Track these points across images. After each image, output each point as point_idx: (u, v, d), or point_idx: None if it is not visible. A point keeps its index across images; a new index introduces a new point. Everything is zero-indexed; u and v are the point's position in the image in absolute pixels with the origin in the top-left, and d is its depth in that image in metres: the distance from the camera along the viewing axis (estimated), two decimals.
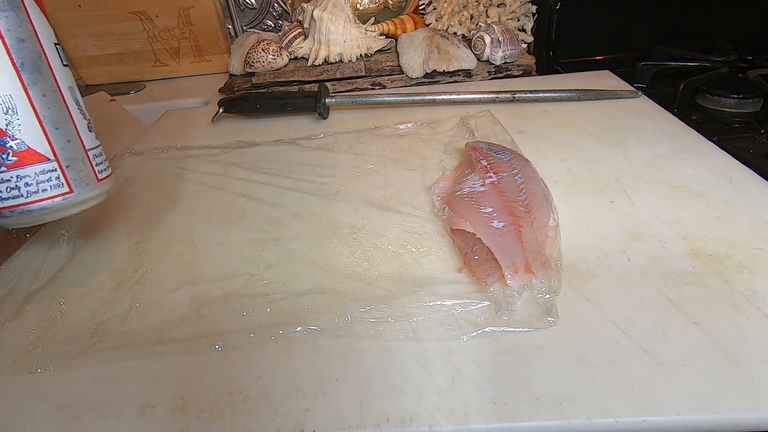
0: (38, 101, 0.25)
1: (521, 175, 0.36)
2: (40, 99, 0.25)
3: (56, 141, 0.26)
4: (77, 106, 0.28)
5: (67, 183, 0.27)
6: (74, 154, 0.27)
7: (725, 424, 0.22)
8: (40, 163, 0.25)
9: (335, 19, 0.65)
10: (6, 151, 0.25)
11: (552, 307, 0.28)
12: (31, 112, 0.25)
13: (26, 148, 0.25)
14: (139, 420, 0.24)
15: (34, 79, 0.25)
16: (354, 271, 0.33)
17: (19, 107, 0.25)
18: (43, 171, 0.26)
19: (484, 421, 0.23)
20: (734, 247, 0.32)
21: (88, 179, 0.28)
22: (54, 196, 0.26)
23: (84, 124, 0.28)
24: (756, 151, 0.44)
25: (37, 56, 0.26)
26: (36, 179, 0.25)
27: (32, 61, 0.25)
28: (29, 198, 0.25)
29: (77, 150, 0.27)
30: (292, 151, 0.50)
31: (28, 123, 0.25)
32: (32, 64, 0.25)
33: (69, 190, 0.27)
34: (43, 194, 0.26)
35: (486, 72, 0.66)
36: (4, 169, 0.25)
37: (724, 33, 0.69)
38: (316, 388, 0.25)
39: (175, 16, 0.78)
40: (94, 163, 0.29)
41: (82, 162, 0.28)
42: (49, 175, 0.26)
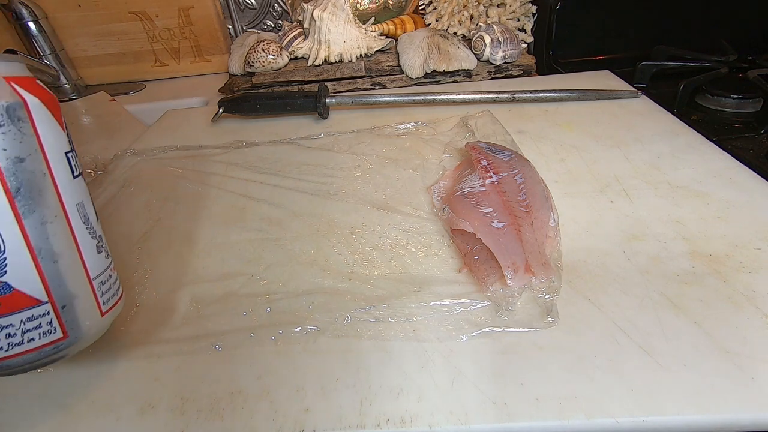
0: (34, 233, 0.20)
1: (521, 175, 0.36)
2: (36, 229, 0.20)
3: (52, 278, 0.21)
4: (85, 225, 0.23)
5: (62, 327, 0.22)
6: (74, 290, 0.22)
7: (725, 424, 0.22)
8: (28, 309, 0.20)
9: (335, 19, 0.65)
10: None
11: (552, 307, 0.28)
12: (24, 248, 0.20)
13: (12, 291, 0.20)
14: (139, 420, 0.24)
15: (31, 206, 0.20)
16: (354, 271, 0.33)
17: (8, 243, 0.19)
18: (31, 317, 0.20)
19: (484, 421, 0.23)
20: (734, 247, 0.32)
21: (88, 316, 0.23)
22: (42, 346, 0.21)
23: (92, 247, 0.23)
24: (756, 151, 0.44)
25: (39, 176, 0.21)
26: (22, 328, 0.20)
27: (31, 184, 0.20)
28: (11, 351, 0.20)
29: (79, 284, 0.22)
30: (292, 151, 0.50)
31: (19, 261, 0.20)
32: (31, 188, 0.20)
33: (63, 336, 0.22)
34: (29, 345, 0.21)
35: (486, 72, 0.66)
36: None
37: (724, 33, 0.69)
38: (316, 388, 0.25)
39: (175, 16, 0.78)
40: (98, 294, 0.24)
41: (84, 297, 0.23)
42: (39, 321, 0.21)
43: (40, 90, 0.22)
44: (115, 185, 0.47)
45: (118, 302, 0.26)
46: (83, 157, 0.52)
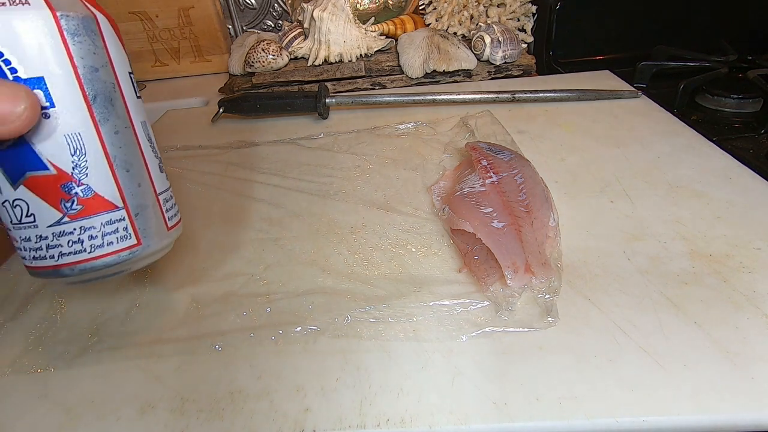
0: (109, 140, 0.22)
1: (521, 175, 0.36)
2: (111, 137, 0.22)
3: (126, 186, 0.23)
4: (149, 143, 0.25)
5: (135, 234, 0.23)
6: (144, 200, 0.24)
7: (725, 424, 0.22)
8: (107, 212, 0.22)
9: (335, 19, 0.65)
10: (71, 199, 0.21)
11: (552, 307, 0.28)
12: (101, 153, 0.22)
13: (93, 194, 0.21)
14: (139, 420, 0.24)
15: (106, 114, 0.22)
16: (354, 271, 0.33)
17: (88, 147, 0.21)
18: (110, 221, 0.22)
19: (484, 421, 0.23)
20: (734, 247, 0.32)
21: (157, 228, 0.25)
22: (120, 250, 0.23)
23: (156, 164, 0.25)
24: (756, 151, 0.44)
25: (110, 87, 0.22)
26: (102, 231, 0.22)
27: (105, 94, 0.22)
28: (93, 253, 0.22)
29: (148, 195, 0.24)
30: (292, 151, 0.50)
31: (98, 165, 0.21)
32: (105, 97, 0.22)
33: (137, 242, 0.23)
34: (109, 248, 0.22)
35: (486, 72, 0.66)
36: (66, 220, 0.21)
37: (724, 33, 0.69)
38: (316, 388, 0.25)
39: (175, 16, 0.78)
40: (164, 209, 0.25)
41: (153, 208, 0.24)
42: (116, 225, 0.22)
43: (104, 11, 0.23)
44: None
45: (179, 224, 0.27)
46: None
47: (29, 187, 0.21)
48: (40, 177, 0.21)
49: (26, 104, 0.19)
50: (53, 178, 0.21)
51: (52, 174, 0.21)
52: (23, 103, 0.18)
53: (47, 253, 0.22)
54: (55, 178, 0.21)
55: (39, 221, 0.21)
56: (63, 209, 0.21)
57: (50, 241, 0.21)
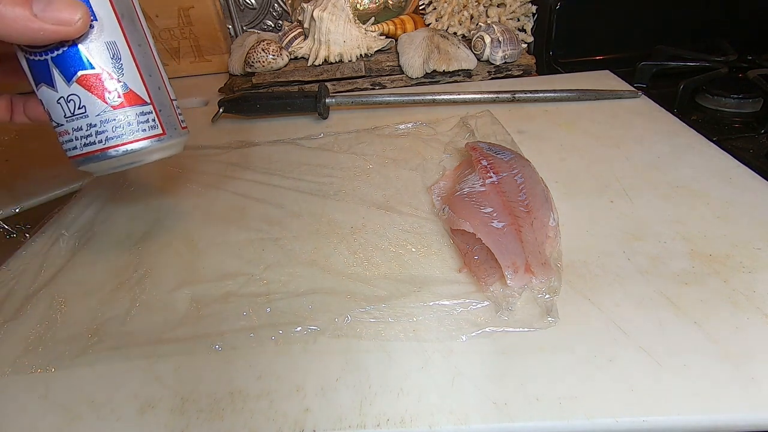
0: (135, 49, 0.28)
1: (521, 175, 0.36)
2: (136, 48, 0.28)
3: (151, 86, 0.29)
4: (159, 59, 0.31)
5: (161, 125, 0.29)
6: (164, 100, 0.30)
7: (725, 424, 0.22)
8: (139, 105, 0.28)
9: (335, 19, 0.65)
10: (112, 92, 0.27)
11: (552, 307, 0.28)
12: (131, 59, 0.28)
13: (128, 90, 0.28)
14: (139, 420, 0.24)
15: (131, 29, 0.28)
16: (354, 271, 0.33)
17: (122, 53, 0.27)
18: (142, 113, 0.28)
19: (484, 422, 0.23)
20: (734, 247, 0.32)
21: (175, 125, 0.31)
22: (151, 136, 0.29)
23: (166, 77, 0.31)
24: (756, 151, 0.44)
25: (131, 9, 0.28)
26: (137, 119, 0.28)
27: (129, 13, 0.28)
28: (132, 136, 0.28)
29: (165, 97, 0.30)
30: (292, 151, 0.50)
31: (130, 68, 0.28)
32: (129, 16, 0.28)
33: (162, 132, 0.29)
34: (143, 134, 0.28)
35: (486, 72, 0.66)
36: (110, 110, 0.27)
37: (724, 33, 0.69)
38: (316, 388, 0.25)
39: (175, 16, 0.78)
40: (177, 112, 0.31)
41: (170, 108, 0.31)
42: (146, 116, 0.29)
43: None
44: (116, 185, 0.47)
45: (187, 129, 0.33)
46: None
47: (81, 83, 0.27)
48: (89, 75, 0.27)
49: (81, 14, 0.24)
50: (98, 75, 0.27)
51: (98, 72, 0.27)
52: (80, 13, 0.24)
53: (96, 138, 0.28)
54: (100, 76, 0.27)
55: (89, 111, 0.27)
56: (107, 101, 0.27)
57: (98, 128, 0.27)
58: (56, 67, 0.26)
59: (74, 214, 0.43)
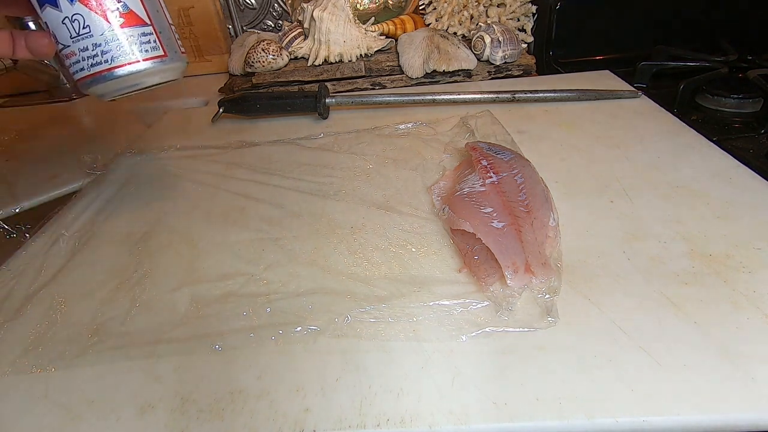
0: None
1: (521, 175, 0.36)
2: None
3: (150, 8, 0.30)
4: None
5: (162, 47, 0.31)
6: (163, 23, 0.31)
7: (725, 424, 0.22)
8: (141, 26, 0.29)
9: (335, 19, 0.65)
10: (114, 11, 0.28)
11: (552, 307, 0.28)
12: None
13: (129, 10, 0.29)
14: (139, 420, 0.24)
15: None
16: (354, 271, 0.33)
17: None
18: (143, 33, 0.29)
19: (484, 421, 0.23)
20: (734, 247, 0.32)
21: (175, 47, 0.32)
22: (154, 57, 0.30)
23: (164, 3, 0.32)
24: (756, 151, 0.44)
25: None
26: (140, 40, 0.29)
27: None
28: (135, 56, 0.29)
29: (164, 20, 0.31)
30: (292, 151, 0.50)
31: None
32: None
33: (164, 53, 0.31)
34: (146, 54, 0.30)
35: (486, 72, 0.66)
36: (113, 29, 0.28)
37: (724, 33, 0.69)
38: (316, 388, 0.25)
39: (175, 16, 0.78)
40: (175, 36, 0.32)
41: (169, 31, 0.32)
42: (148, 38, 0.30)
43: None
44: (116, 185, 0.47)
45: (185, 54, 0.34)
46: (83, 157, 0.52)
47: (83, 2, 0.28)
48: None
49: None
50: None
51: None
52: None
53: (102, 58, 0.29)
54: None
55: (93, 31, 0.28)
56: (109, 20, 0.28)
57: (104, 47, 0.29)
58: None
59: (74, 214, 0.43)
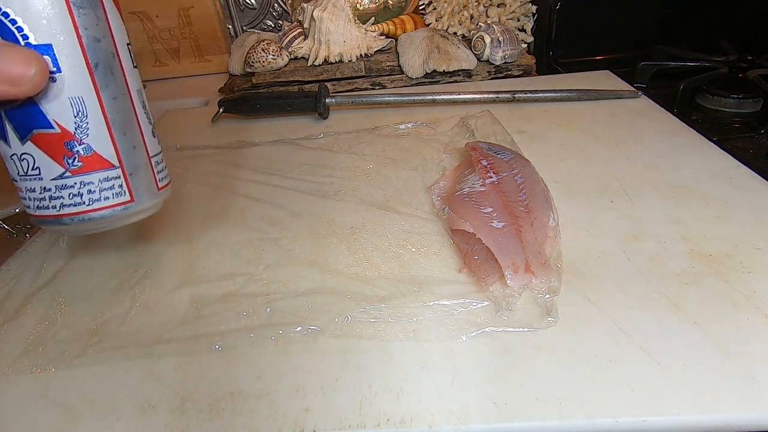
0: (108, 105, 0.24)
1: (521, 175, 0.36)
2: (110, 102, 0.24)
3: (122, 147, 0.25)
4: (144, 110, 0.27)
5: (129, 191, 0.26)
6: (138, 161, 0.26)
7: (725, 424, 0.22)
8: (104, 170, 0.24)
9: (335, 19, 0.65)
10: (72, 156, 0.23)
11: (552, 307, 0.28)
12: (101, 116, 0.24)
13: (92, 153, 0.24)
14: (139, 420, 0.24)
15: (106, 81, 0.24)
16: (354, 271, 0.33)
17: (89, 110, 0.23)
18: (106, 178, 0.25)
19: (484, 421, 0.23)
20: (734, 247, 0.32)
21: (149, 187, 0.27)
22: (115, 205, 0.25)
23: (149, 129, 0.27)
24: (756, 151, 0.44)
25: (110, 57, 0.24)
26: (99, 186, 0.24)
27: (106, 62, 0.24)
28: (91, 206, 0.24)
29: (141, 157, 0.26)
30: (292, 151, 0.50)
31: (97, 127, 0.24)
32: (105, 65, 0.24)
33: (130, 199, 0.26)
34: (105, 202, 0.25)
35: (486, 72, 0.66)
36: (68, 175, 0.24)
37: (724, 33, 0.69)
38: (316, 388, 0.25)
39: (175, 16, 0.78)
40: (156, 171, 0.28)
41: (145, 169, 0.27)
42: (112, 182, 0.25)
43: None
44: None
45: (168, 185, 0.29)
46: None
47: (36, 143, 0.23)
48: (45, 134, 0.23)
49: (37, 68, 0.21)
50: (57, 136, 0.23)
51: (57, 132, 0.23)
52: (34, 67, 0.21)
53: (50, 203, 0.24)
54: (59, 137, 0.23)
55: (44, 174, 0.23)
56: (65, 165, 0.23)
57: (53, 193, 0.24)
58: (9, 122, 0.23)
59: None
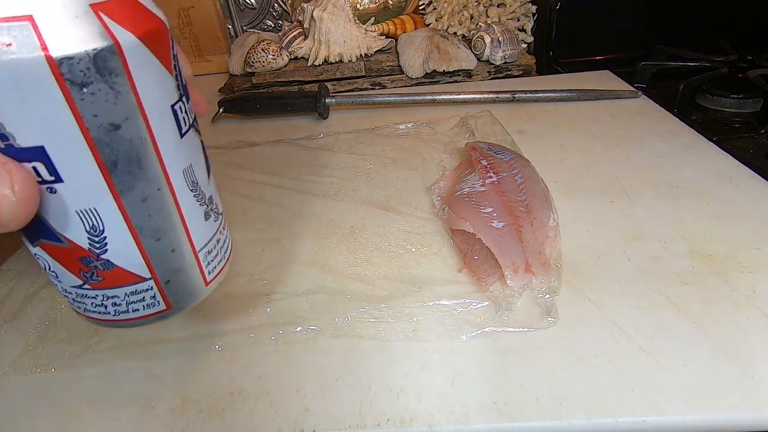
0: (134, 210, 0.18)
1: (521, 175, 0.36)
2: (137, 207, 0.18)
3: (155, 255, 0.19)
4: (193, 192, 0.20)
5: (165, 300, 0.21)
6: (178, 264, 0.21)
7: (725, 424, 0.22)
8: (131, 285, 0.20)
9: (335, 19, 0.65)
10: (90, 271, 0.19)
11: (552, 307, 0.28)
12: (124, 227, 0.18)
13: (114, 268, 0.19)
14: (139, 420, 0.24)
15: (130, 181, 0.17)
16: (354, 271, 0.33)
17: (106, 222, 0.18)
18: (135, 291, 0.20)
19: (484, 421, 0.23)
20: (734, 247, 0.32)
21: (192, 289, 0.22)
22: (147, 315, 0.21)
23: (199, 215, 0.21)
24: (756, 151, 0.44)
25: (138, 144, 0.17)
26: (126, 300, 0.20)
27: (129, 155, 0.17)
28: (117, 316, 0.20)
29: (183, 258, 0.21)
30: (292, 151, 0.50)
31: (119, 239, 0.18)
32: (129, 160, 0.17)
33: (166, 308, 0.21)
34: (134, 314, 0.21)
35: (486, 72, 0.66)
36: (87, 287, 0.19)
37: (724, 33, 0.69)
38: (316, 388, 0.25)
39: (175, 16, 0.78)
40: (203, 265, 0.22)
41: (188, 271, 0.21)
42: (142, 295, 0.20)
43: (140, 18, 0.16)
44: None
45: (225, 266, 0.24)
46: None
47: (46, 250, 0.18)
48: (54, 246, 0.18)
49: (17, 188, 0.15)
50: (68, 250, 0.18)
51: (67, 246, 0.18)
52: (9, 188, 0.14)
53: (73, 304, 0.21)
54: (70, 251, 0.18)
55: (61, 279, 0.20)
56: (83, 278, 0.19)
57: (74, 297, 0.20)
58: None
59: None
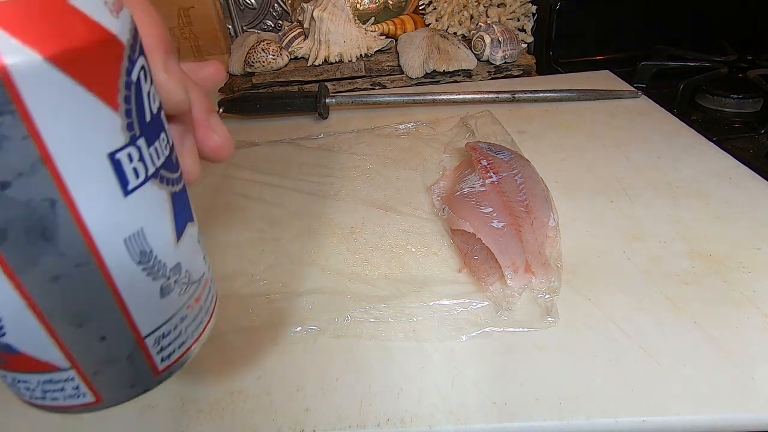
0: (40, 291, 0.14)
1: (521, 175, 0.36)
2: (44, 287, 0.13)
3: (76, 344, 0.15)
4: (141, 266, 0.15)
5: (93, 392, 0.17)
6: (111, 355, 0.16)
7: (725, 424, 0.22)
8: (45, 373, 0.16)
9: (335, 19, 0.65)
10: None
11: (552, 307, 0.28)
12: (25, 309, 0.14)
13: (19, 353, 0.15)
14: (139, 420, 0.24)
15: (29, 256, 0.13)
16: (354, 271, 0.33)
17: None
18: (50, 381, 0.16)
19: (484, 421, 0.23)
20: (734, 247, 0.32)
21: (133, 379, 0.18)
22: (69, 406, 0.18)
23: (149, 292, 0.16)
24: (756, 151, 0.44)
25: (41, 209, 0.12)
26: (41, 387, 0.17)
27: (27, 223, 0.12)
28: (34, 402, 0.17)
29: (120, 347, 0.16)
30: (292, 151, 0.50)
31: (20, 324, 0.14)
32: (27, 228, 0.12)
33: (95, 400, 0.17)
34: (53, 402, 0.17)
35: (486, 72, 0.66)
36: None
37: (724, 33, 0.69)
38: (316, 388, 0.25)
39: (175, 16, 0.78)
40: (153, 352, 0.17)
41: (127, 361, 0.17)
42: (61, 385, 0.16)
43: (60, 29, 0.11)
44: None
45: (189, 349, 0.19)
46: None
47: None
48: None
49: None
50: None
51: None
52: None
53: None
54: None
55: None
56: None
57: None
58: None
59: None
